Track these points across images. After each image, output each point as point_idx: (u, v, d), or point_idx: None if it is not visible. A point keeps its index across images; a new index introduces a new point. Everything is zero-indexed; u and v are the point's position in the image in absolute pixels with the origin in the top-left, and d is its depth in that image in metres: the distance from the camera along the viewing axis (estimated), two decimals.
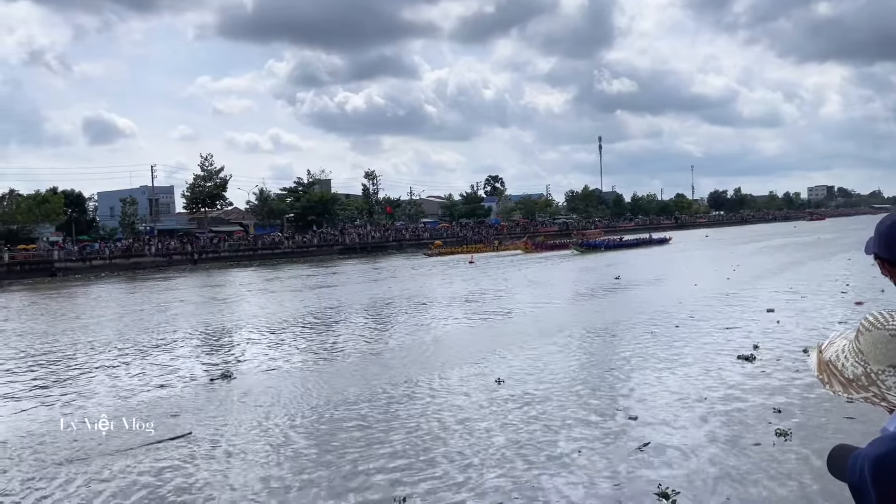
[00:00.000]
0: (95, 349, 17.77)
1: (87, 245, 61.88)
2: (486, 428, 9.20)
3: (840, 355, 1.60)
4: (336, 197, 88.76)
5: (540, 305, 22.93)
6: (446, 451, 8.34)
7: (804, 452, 7.59)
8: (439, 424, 9.48)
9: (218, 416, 10.55)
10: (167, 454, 8.74)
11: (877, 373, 1.52)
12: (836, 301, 19.90)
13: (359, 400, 11.04)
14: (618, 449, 8.14)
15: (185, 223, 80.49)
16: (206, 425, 9.99)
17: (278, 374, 13.64)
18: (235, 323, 21.98)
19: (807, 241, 55.47)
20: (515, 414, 9.81)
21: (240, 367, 14.44)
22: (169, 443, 9.14)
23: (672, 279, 30.17)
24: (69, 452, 9.00)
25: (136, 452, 8.83)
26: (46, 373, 14.95)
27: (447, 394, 11.26)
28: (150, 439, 9.28)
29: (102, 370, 14.90)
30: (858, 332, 1.60)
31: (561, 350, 14.68)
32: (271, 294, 32.64)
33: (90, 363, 15.85)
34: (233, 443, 9.12)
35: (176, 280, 45.29)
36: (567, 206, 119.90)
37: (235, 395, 11.89)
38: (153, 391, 12.59)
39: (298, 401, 11.23)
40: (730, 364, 12.22)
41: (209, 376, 13.59)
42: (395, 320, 21.08)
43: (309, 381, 12.78)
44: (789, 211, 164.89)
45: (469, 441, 8.70)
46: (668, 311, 19.20)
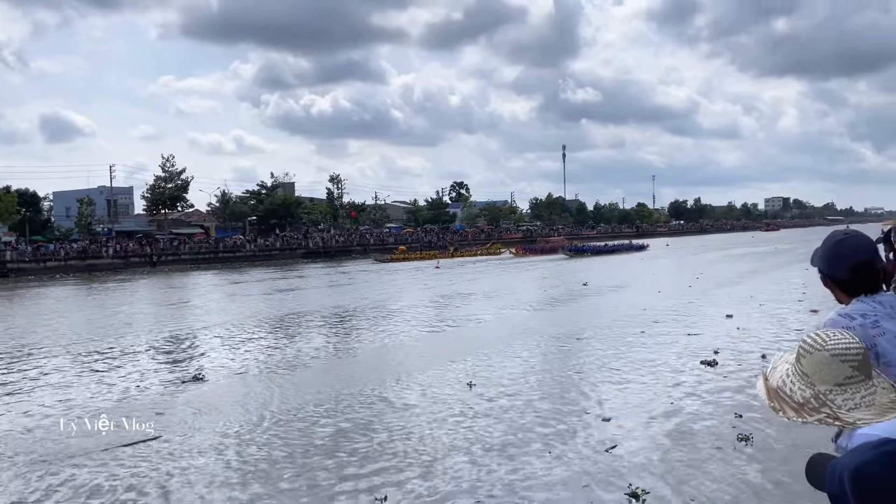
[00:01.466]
0: (55, 352, 17.28)
1: (42, 246, 60.33)
2: (456, 430, 9.13)
3: (786, 380, 1.63)
4: (300, 200, 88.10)
5: (508, 311, 22.90)
6: (417, 454, 8.23)
7: (765, 456, 7.66)
8: (411, 428, 9.35)
9: (189, 419, 10.29)
10: (133, 457, 8.49)
11: (825, 393, 1.56)
12: (793, 308, 20.31)
13: (330, 403, 10.86)
14: (587, 450, 8.14)
15: (145, 225, 79.10)
16: (176, 428, 9.73)
17: (249, 376, 13.39)
18: (201, 326, 21.56)
19: (765, 251, 56.67)
20: (486, 416, 9.74)
21: (210, 369, 14.12)
22: (136, 446, 8.89)
23: (636, 286, 30.48)
24: (32, 456, 8.71)
25: (100, 456, 8.57)
26: None
27: (419, 397, 11.14)
28: (116, 442, 9.02)
29: (61, 374, 14.44)
30: (799, 355, 1.63)
31: (530, 354, 14.68)
32: (235, 298, 32.14)
33: (49, 365, 15.38)
34: (202, 447, 8.88)
35: (135, 282, 44.36)
36: (531, 214, 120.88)
37: (207, 398, 11.62)
38: (120, 394, 12.24)
39: (270, 404, 11.01)
40: (694, 369, 12.34)
41: (180, 379, 13.30)
42: (360, 326, 20.86)
43: (279, 384, 12.55)
44: (747, 221, 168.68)
45: (439, 443, 8.62)
46: (633, 317, 19.35)
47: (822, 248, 2.38)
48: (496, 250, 69.49)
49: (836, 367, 1.55)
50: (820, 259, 2.38)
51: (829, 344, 1.58)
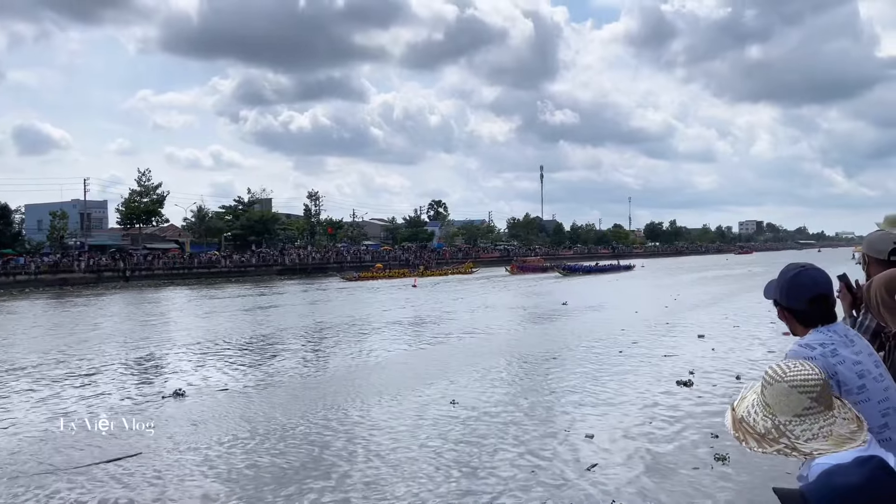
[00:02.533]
0: (28, 369, 16.97)
1: (12, 259, 59.18)
2: (438, 448, 9.14)
3: (750, 410, 1.67)
4: (276, 217, 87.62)
5: (488, 330, 22.90)
6: (397, 473, 8.22)
7: (740, 474, 7.77)
8: (392, 446, 9.34)
9: (171, 435, 10.17)
10: (112, 475, 8.37)
11: (784, 423, 1.59)
12: (766, 330, 20.55)
13: (311, 422, 10.81)
14: (568, 469, 8.17)
15: (119, 239, 78.02)
16: (157, 445, 9.62)
17: (230, 393, 13.27)
18: (177, 343, 21.30)
19: (740, 274, 57.41)
20: (467, 434, 9.77)
21: (190, 386, 13.95)
22: (117, 462, 8.77)
23: (614, 307, 30.71)
24: (9, 469, 8.61)
25: (80, 471, 8.46)
26: None
27: (399, 415, 11.13)
28: (96, 458, 8.89)
29: (36, 389, 14.22)
30: (763, 386, 1.68)
31: (511, 373, 14.74)
32: (210, 314, 31.84)
33: (24, 380, 15.12)
34: (183, 464, 8.78)
35: (107, 297, 43.72)
36: (509, 233, 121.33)
37: (188, 414, 11.51)
38: (103, 408, 12.12)
39: (252, 421, 10.93)
40: (670, 389, 12.46)
41: (160, 394, 13.15)
42: (339, 344, 20.74)
43: (260, 401, 12.46)
44: (721, 244, 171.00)
45: (421, 461, 8.62)
46: (611, 338, 19.49)
47: (780, 281, 2.43)
48: (468, 269, 69.55)
49: (795, 399, 1.59)
50: (777, 291, 2.43)
51: (789, 375, 1.62)
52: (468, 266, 71.99)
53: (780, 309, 2.47)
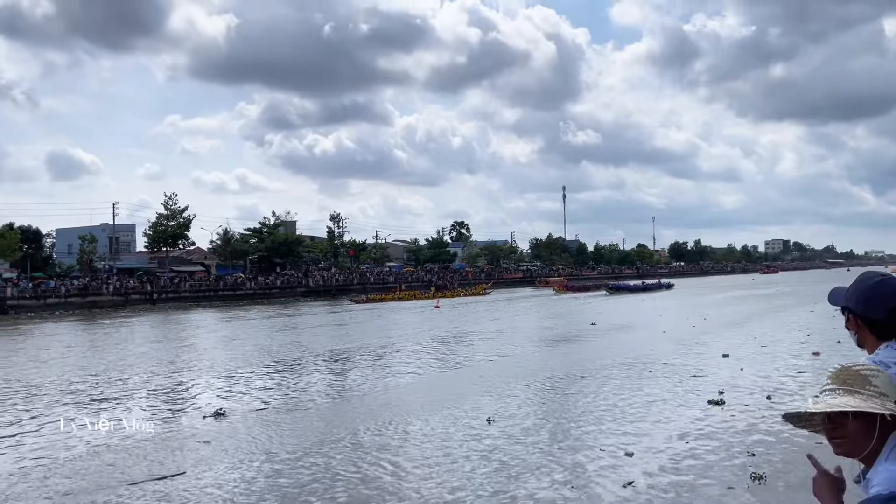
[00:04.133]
0: (70, 392, 17.32)
1: (43, 283, 60.15)
2: (477, 463, 9.28)
3: (854, 403, 1.62)
4: (301, 239, 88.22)
5: (518, 351, 23.00)
6: (439, 487, 8.33)
7: (778, 492, 7.76)
8: (433, 461, 9.48)
9: (213, 455, 10.35)
10: (159, 493, 8.57)
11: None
12: (795, 350, 20.36)
13: (349, 440, 10.98)
14: (607, 486, 8.24)
15: (146, 262, 78.99)
16: (199, 464, 9.80)
17: (267, 413, 13.48)
18: (210, 363, 21.59)
19: (767, 293, 56.72)
20: (506, 451, 9.90)
21: (228, 406, 14.15)
22: (163, 480, 8.96)
23: (642, 326, 30.64)
24: (63, 486, 8.80)
25: (128, 491, 8.64)
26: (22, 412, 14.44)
27: (440, 432, 11.31)
28: (144, 476, 9.12)
29: (79, 410, 14.48)
30: (866, 379, 1.65)
31: (543, 392, 14.88)
32: (239, 336, 32.12)
33: (63, 408, 15.41)
34: (226, 483, 8.96)
35: (136, 320, 44.24)
36: (531, 254, 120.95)
37: (229, 434, 11.72)
38: (145, 429, 12.28)
39: (288, 440, 11.11)
40: (702, 408, 12.43)
41: (202, 414, 13.37)
42: (368, 365, 20.84)
43: (294, 421, 12.68)
44: (747, 263, 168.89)
45: (461, 474, 8.78)
46: (640, 358, 19.48)
47: (857, 288, 2.31)
48: (481, 291, 69.25)
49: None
50: (853, 299, 2.35)
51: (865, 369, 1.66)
52: (481, 287, 71.66)
53: (852, 317, 2.36)
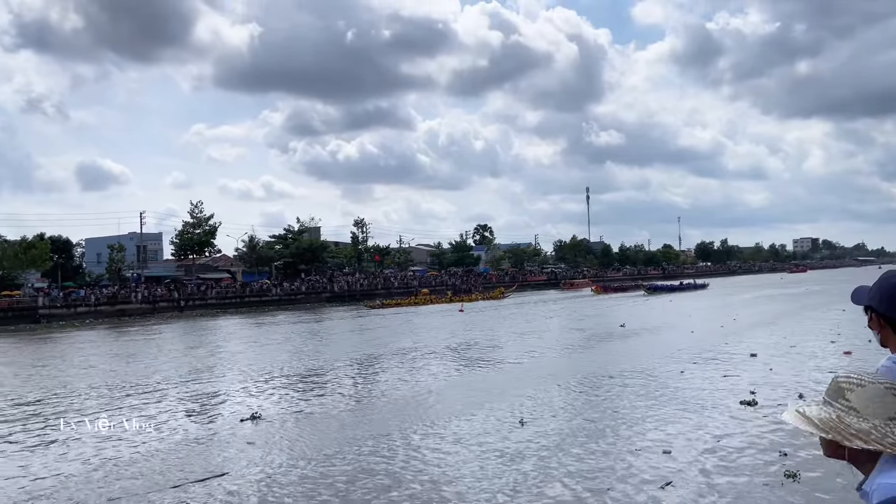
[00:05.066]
0: (109, 398, 17.63)
1: (73, 291, 61.18)
2: (512, 464, 9.33)
3: (832, 416, 1.56)
4: (325, 244, 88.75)
5: (548, 352, 23.03)
6: (481, 485, 8.45)
7: (812, 490, 7.73)
8: (466, 462, 9.60)
9: (252, 457, 10.53)
10: (203, 493, 8.74)
11: (880, 426, 1.50)
12: (826, 350, 20.13)
13: (384, 442, 11.08)
14: (643, 487, 8.25)
15: (173, 270, 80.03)
16: (240, 465, 9.98)
17: (301, 416, 13.67)
18: (242, 368, 21.84)
19: (797, 293, 55.95)
20: (539, 452, 9.97)
21: (264, 409, 14.38)
22: (205, 482, 9.15)
23: (671, 327, 30.56)
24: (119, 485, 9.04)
25: (170, 493, 8.82)
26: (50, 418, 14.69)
27: (474, 433, 11.41)
28: (188, 478, 9.31)
29: (119, 414, 14.73)
30: (844, 389, 1.57)
31: (575, 393, 14.92)
32: (268, 341, 32.43)
33: (101, 405, 15.75)
34: (266, 484, 9.09)
35: (165, 327, 44.81)
36: (555, 256, 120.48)
37: (266, 437, 11.88)
38: (184, 432, 12.61)
39: (324, 443, 11.24)
40: (734, 408, 12.42)
41: (238, 417, 13.57)
42: (399, 368, 20.90)
43: (329, 424, 12.83)
44: (775, 263, 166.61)
45: (500, 477, 8.85)
46: (671, 358, 19.45)
47: (880, 286, 2.27)
48: (499, 294, 69.09)
49: (891, 401, 1.52)
50: (875, 298, 2.30)
51: (881, 378, 1.55)
52: (499, 291, 71.46)
53: (875, 316, 2.31)
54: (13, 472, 10.21)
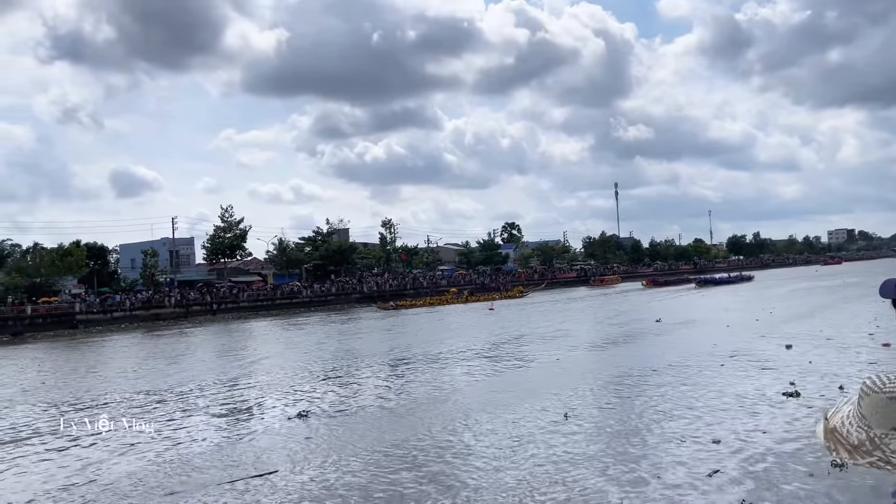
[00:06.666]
0: (159, 397, 18.06)
1: (108, 297, 62.24)
2: (562, 456, 9.51)
3: (845, 421, 1.57)
4: (354, 246, 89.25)
5: (588, 348, 23.16)
6: (524, 482, 8.54)
7: (858, 481, 7.73)
8: (519, 453, 9.76)
9: (301, 454, 10.72)
10: (256, 489, 8.96)
11: (880, 437, 1.49)
12: (863, 342, 19.87)
13: (430, 437, 11.24)
14: (692, 475, 8.34)
15: (205, 274, 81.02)
16: (290, 463, 10.18)
17: (347, 414, 13.88)
18: (283, 368, 22.12)
19: (832, 285, 54.95)
20: (588, 444, 10.13)
21: (311, 407, 14.62)
22: (258, 478, 9.36)
23: (706, 322, 30.39)
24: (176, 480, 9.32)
25: (222, 489, 9.04)
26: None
27: (520, 427, 11.52)
28: (241, 474, 9.56)
29: (167, 414, 15.10)
30: (860, 396, 1.57)
31: (616, 387, 14.99)
32: (303, 342, 32.75)
33: (150, 406, 16.10)
34: (316, 480, 9.27)
35: (200, 330, 45.43)
36: (585, 252, 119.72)
37: (314, 434, 12.11)
38: (233, 430, 12.93)
39: (370, 440, 11.41)
40: (777, 400, 12.43)
41: (286, 415, 13.84)
42: (437, 366, 21.03)
43: (373, 421, 13.04)
44: (810, 255, 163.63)
45: (548, 468, 9.01)
46: (709, 352, 19.36)
47: None
48: (517, 293, 68.65)
49: (894, 411, 1.48)
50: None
51: (888, 386, 1.51)
52: (517, 290, 71.00)
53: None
54: (77, 466, 10.68)
